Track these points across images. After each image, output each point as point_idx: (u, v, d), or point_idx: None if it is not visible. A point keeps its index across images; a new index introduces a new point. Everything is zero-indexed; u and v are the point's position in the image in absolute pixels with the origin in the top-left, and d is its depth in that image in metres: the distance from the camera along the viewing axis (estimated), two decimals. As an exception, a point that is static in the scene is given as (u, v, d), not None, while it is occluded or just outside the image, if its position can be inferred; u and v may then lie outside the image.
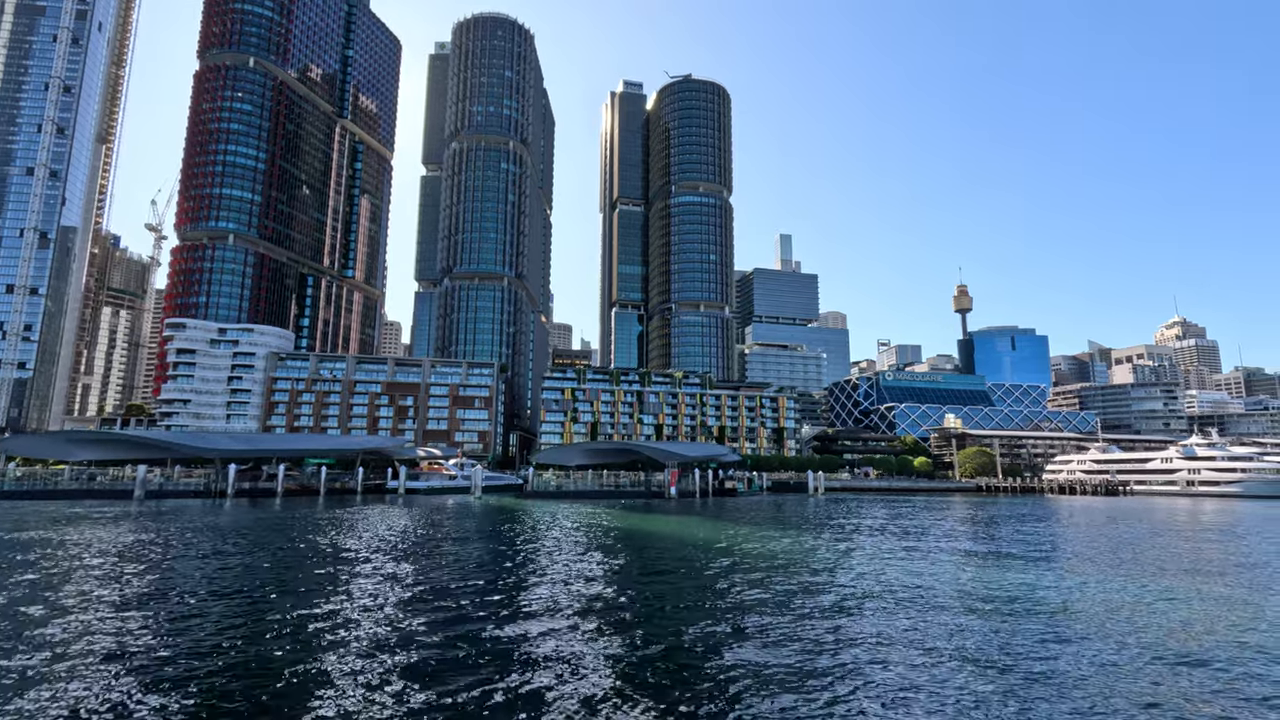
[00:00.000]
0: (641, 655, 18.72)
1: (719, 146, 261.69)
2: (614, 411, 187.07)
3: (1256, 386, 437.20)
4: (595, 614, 23.87)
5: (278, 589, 28.13)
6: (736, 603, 26.45)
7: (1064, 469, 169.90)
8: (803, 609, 25.18)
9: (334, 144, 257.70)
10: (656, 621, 22.95)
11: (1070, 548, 46.90)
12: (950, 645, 19.94)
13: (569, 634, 20.94)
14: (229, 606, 24.61)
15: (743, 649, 19.48)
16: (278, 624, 21.80)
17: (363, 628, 21.41)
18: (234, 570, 33.15)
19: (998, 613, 24.51)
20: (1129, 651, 19.43)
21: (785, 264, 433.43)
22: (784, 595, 28.00)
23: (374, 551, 40.20)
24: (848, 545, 46.98)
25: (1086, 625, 22.69)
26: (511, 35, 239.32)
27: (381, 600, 25.80)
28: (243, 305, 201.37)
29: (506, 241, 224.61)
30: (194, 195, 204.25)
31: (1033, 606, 25.66)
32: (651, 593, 28.35)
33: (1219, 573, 35.32)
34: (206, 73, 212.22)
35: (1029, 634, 21.23)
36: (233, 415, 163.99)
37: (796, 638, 20.78)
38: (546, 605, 25.18)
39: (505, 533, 52.56)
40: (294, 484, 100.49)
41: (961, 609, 25.17)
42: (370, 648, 19.07)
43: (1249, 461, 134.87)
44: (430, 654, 18.51)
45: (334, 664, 17.58)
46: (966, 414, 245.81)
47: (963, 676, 17.04)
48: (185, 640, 19.72)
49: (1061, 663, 18.25)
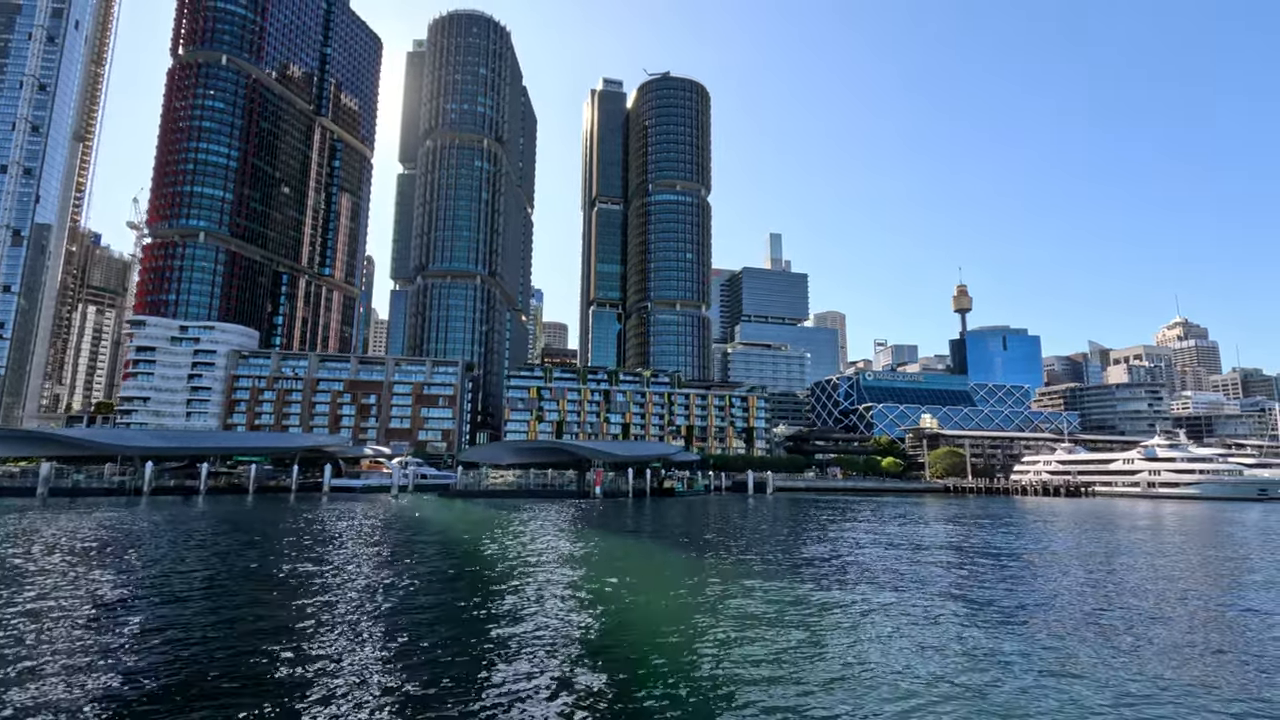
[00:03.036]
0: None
1: (697, 145, 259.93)
2: (580, 410, 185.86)
3: (1254, 388, 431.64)
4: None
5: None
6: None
7: (1031, 470, 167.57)
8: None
9: (313, 142, 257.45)
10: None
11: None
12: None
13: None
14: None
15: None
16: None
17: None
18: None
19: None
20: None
21: (775, 263, 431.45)
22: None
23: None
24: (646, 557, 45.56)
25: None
26: (487, 32, 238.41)
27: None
28: (213, 303, 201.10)
29: (480, 240, 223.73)
30: (165, 193, 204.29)
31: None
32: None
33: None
34: (179, 70, 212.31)
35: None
36: (193, 413, 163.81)
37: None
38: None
39: (291, 537, 50.51)
40: (222, 482, 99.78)
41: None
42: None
43: (1208, 464, 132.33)
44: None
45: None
46: (946, 414, 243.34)
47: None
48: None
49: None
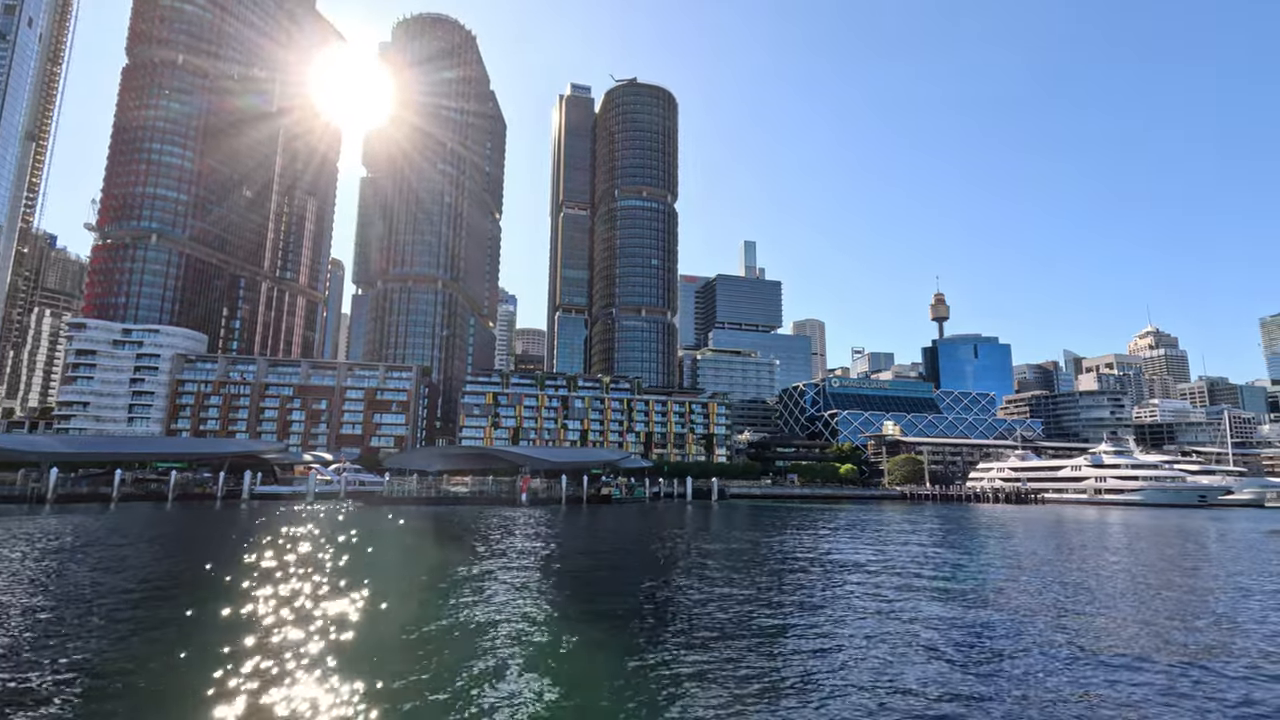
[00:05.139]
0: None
1: (664, 151, 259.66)
2: (538, 417, 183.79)
3: (1219, 396, 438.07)
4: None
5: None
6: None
7: (985, 477, 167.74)
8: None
9: (276, 145, 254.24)
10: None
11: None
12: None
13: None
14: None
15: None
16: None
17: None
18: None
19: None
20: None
21: (749, 270, 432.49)
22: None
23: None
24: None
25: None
26: (452, 35, 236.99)
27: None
28: (165, 307, 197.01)
29: (442, 244, 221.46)
30: (117, 194, 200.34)
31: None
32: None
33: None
34: (134, 70, 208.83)
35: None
36: (135, 418, 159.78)
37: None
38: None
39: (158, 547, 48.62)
40: (140, 490, 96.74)
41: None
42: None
43: (1152, 470, 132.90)
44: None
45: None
46: (911, 422, 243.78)
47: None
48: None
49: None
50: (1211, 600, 29.58)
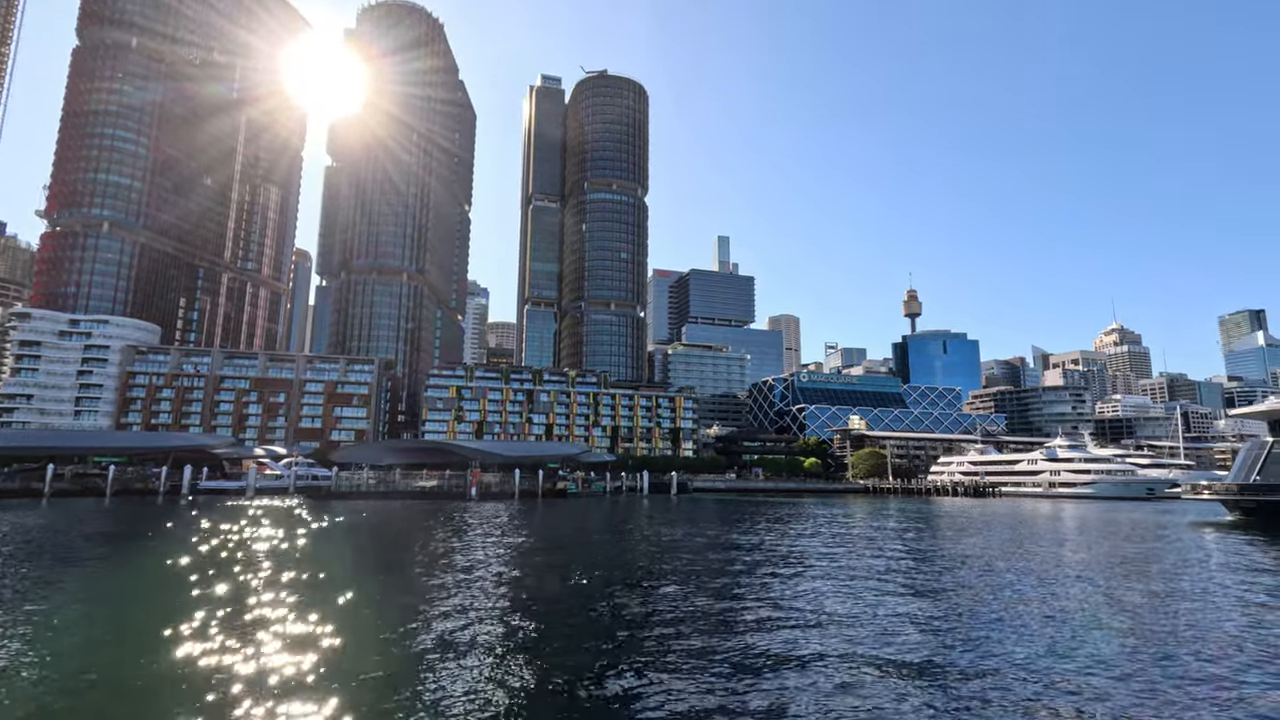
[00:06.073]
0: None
1: (635, 144, 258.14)
2: (502, 411, 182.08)
3: (1179, 392, 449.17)
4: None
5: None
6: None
7: (945, 471, 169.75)
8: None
9: (238, 132, 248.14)
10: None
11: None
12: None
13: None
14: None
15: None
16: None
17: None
18: None
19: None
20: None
21: (723, 265, 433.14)
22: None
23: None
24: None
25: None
26: (419, 23, 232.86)
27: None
28: (119, 298, 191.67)
29: (407, 235, 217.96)
30: (67, 180, 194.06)
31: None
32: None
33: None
34: (84, 52, 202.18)
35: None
36: (83, 412, 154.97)
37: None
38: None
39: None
40: (78, 485, 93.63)
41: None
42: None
43: (1104, 464, 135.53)
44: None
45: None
46: (877, 416, 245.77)
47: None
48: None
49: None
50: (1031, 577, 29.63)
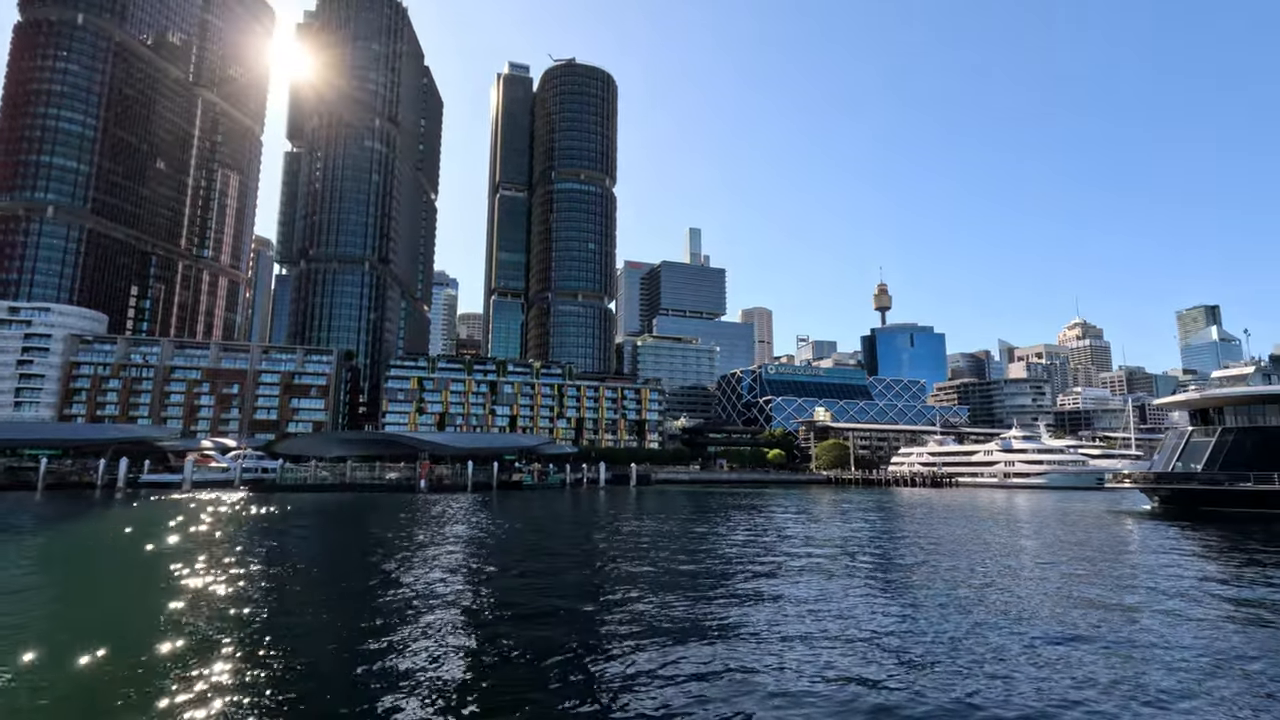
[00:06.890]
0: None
1: (603, 134, 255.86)
2: (465, 402, 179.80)
3: (1137, 385, 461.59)
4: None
5: None
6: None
7: (905, 462, 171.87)
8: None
9: (194, 116, 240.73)
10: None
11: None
12: None
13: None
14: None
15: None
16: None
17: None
18: None
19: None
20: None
21: (694, 258, 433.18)
22: None
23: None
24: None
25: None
26: (382, 6, 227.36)
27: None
28: (64, 285, 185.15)
29: (369, 224, 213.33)
30: (9, 162, 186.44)
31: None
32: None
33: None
34: (28, 28, 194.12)
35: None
36: (23, 403, 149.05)
37: None
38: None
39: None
40: (10, 479, 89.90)
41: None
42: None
43: (1057, 455, 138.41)
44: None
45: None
46: (843, 408, 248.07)
47: None
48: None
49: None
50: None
